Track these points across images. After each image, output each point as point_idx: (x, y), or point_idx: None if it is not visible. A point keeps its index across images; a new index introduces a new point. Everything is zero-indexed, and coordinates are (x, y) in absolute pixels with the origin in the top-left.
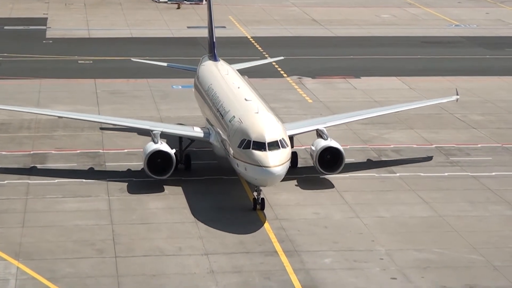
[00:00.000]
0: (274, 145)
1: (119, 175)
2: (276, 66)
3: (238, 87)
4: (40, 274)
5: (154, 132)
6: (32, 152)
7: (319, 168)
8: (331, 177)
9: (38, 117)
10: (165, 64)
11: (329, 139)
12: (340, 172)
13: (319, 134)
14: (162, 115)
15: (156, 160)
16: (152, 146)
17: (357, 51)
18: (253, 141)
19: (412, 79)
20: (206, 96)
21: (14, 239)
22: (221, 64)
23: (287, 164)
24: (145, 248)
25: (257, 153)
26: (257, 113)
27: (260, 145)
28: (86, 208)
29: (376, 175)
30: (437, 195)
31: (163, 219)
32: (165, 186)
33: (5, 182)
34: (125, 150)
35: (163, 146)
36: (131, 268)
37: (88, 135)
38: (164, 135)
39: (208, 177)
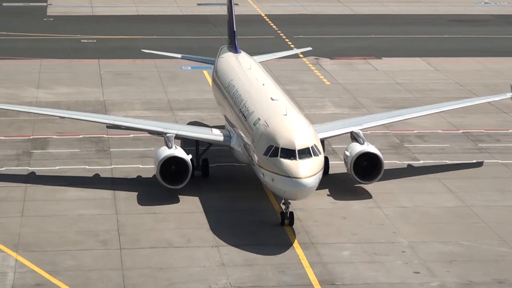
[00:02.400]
0: (305, 153)
1: (125, 161)
2: (292, 45)
3: (263, 84)
4: (40, 266)
5: (167, 135)
6: (32, 137)
7: (355, 176)
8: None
9: (38, 100)
10: (179, 55)
11: (365, 143)
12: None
13: (354, 137)
14: (170, 98)
15: (170, 167)
16: (165, 152)
17: (378, 30)
18: (281, 148)
19: (437, 60)
20: (227, 94)
21: (13, 230)
22: (243, 57)
23: (320, 174)
24: (152, 239)
25: (286, 162)
26: (286, 115)
27: (290, 153)
28: (89, 197)
29: (398, 162)
30: (464, 183)
31: (171, 209)
32: None
33: (3, 168)
34: (131, 135)
35: (178, 151)
36: (137, 261)
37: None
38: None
39: (219, 164)
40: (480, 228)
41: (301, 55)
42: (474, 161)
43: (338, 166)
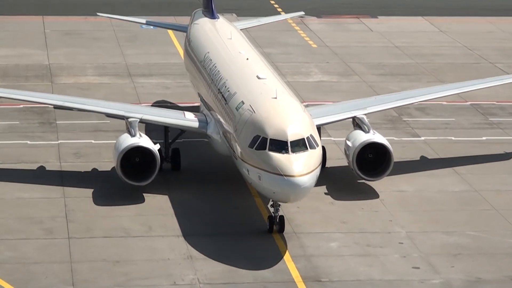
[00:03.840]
0: (300, 145)
1: (74, 136)
2: (272, 2)
3: (247, 59)
4: None
5: (130, 120)
6: None
7: (358, 171)
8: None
9: None
10: (143, 20)
11: (371, 131)
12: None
13: (357, 123)
14: (129, 62)
15: (134, 159)
16: (127, 141)
17: None
18: (270, 139)
19: (442, 20)
20: (202, 70)
21: None
22: (221, 23)
23: (317, 171)
24: (106, 227)
25: (276, 156)
26: (275, 98)
27: (280, 145)
28: (31, 177)
29: (395, 138)
30: (472, 164)
31: (129, 192)
32: None
33: None
34: None
35: (143, 140)
36: (88, 253)
37: (34, 86)
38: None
39: (187, 140)
40: (490, 216)
41: (282, 12)
42: (484, 138)
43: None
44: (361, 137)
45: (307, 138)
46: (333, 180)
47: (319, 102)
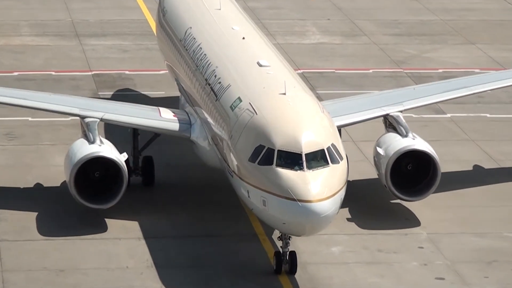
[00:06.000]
0: (319, 159)
1: (5, 112)
2: None
3: (243, 38)
4: None
5: (87, 120)
6: None
7: (392, 188)
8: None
9: None
10: None
11: (410, 134)
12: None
13: (391, 124)
14: (76, 18)
15: (93, 173)
16: (84, 149)
17: None
18: (279, 151)
19: None
20: (183, 51)
21: None
22: None
23: (342, 194)
24: (47, 227)
25: (287, 174)
26: (284, 94)
27: (293, 159)
28: None
29: (414, 116)
30: (511, 148)
31: None
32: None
33: None
34: (15, 73)
35: (105, 148)
36: (24, 259)
37: None
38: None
39: (162, 145)
40: None
41: None
42: None
43: None
44: (398, 143)
45: (328, 148)
46: (357, 199)
47: (318, 70)
